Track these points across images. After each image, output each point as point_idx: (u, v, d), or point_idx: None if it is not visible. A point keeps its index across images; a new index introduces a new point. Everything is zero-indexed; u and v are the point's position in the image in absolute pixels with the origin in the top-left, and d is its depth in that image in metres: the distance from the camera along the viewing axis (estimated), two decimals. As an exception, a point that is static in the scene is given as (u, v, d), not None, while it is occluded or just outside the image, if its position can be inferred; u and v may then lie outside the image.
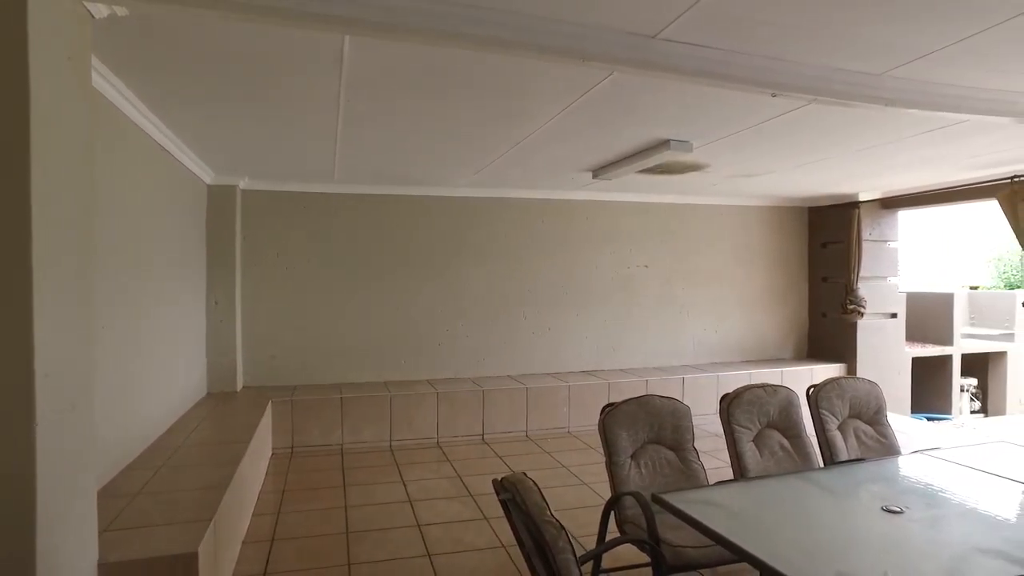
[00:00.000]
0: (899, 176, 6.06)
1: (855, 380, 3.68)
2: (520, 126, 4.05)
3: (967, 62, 2.89)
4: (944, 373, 8.60)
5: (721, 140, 4.32)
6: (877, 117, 3.80)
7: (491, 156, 4.95)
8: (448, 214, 6.63)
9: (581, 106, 3.57)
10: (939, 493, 2.62)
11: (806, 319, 8.00)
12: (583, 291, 7.04)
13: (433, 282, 6.61)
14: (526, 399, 6.29)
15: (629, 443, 3.13)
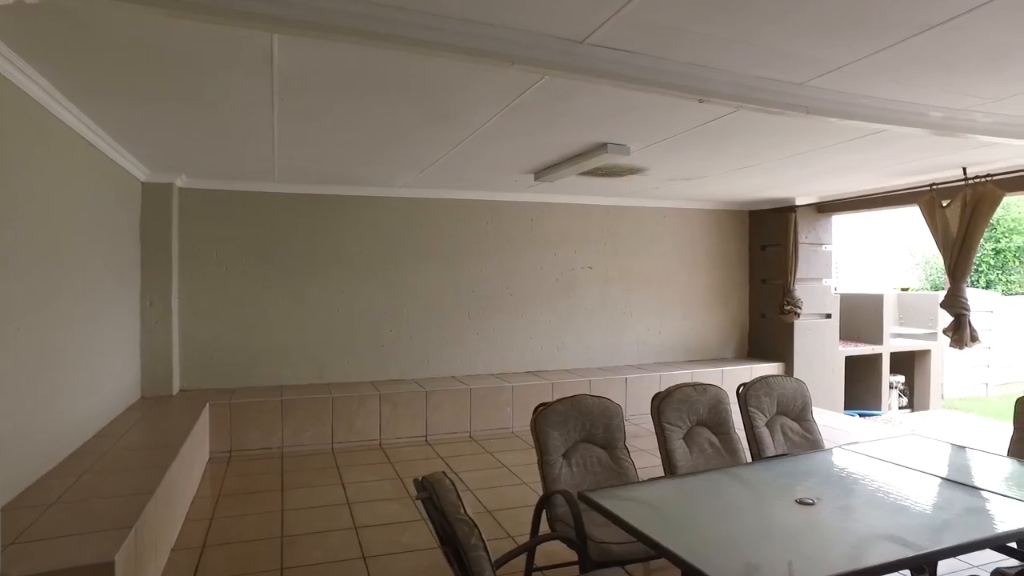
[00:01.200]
0: (831, 182, 6.29)
1: (783, 379, 3.81)
2: (458, 128, 4.06)
3: (879, 75, 3.03)
4: (875, 371, 8.97)
5: (657, 144, 4.42)
6: (802, 125, 3.94)
7: (432, 157, 4.95)
8: (393, 215, 6.59)
9: (516, 109, 3.61)
10: (851, 485, 2.74)
11: (747, 320, 8.23)
12: (527, 292, 7.09)
13: (377, 283, 6.56)
14: (470, 400, 6.30)
15: (561, 442, 3.17)
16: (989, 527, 2.28)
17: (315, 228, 6.36)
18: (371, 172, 5.68)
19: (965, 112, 3.72)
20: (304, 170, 5.57)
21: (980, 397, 11.75)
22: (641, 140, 4.32)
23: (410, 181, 6.11)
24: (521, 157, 4.93)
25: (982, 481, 2.79)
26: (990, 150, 4.80)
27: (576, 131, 4.12)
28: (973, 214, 5.49)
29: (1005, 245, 13.80)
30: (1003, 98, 3.45)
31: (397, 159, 5.07)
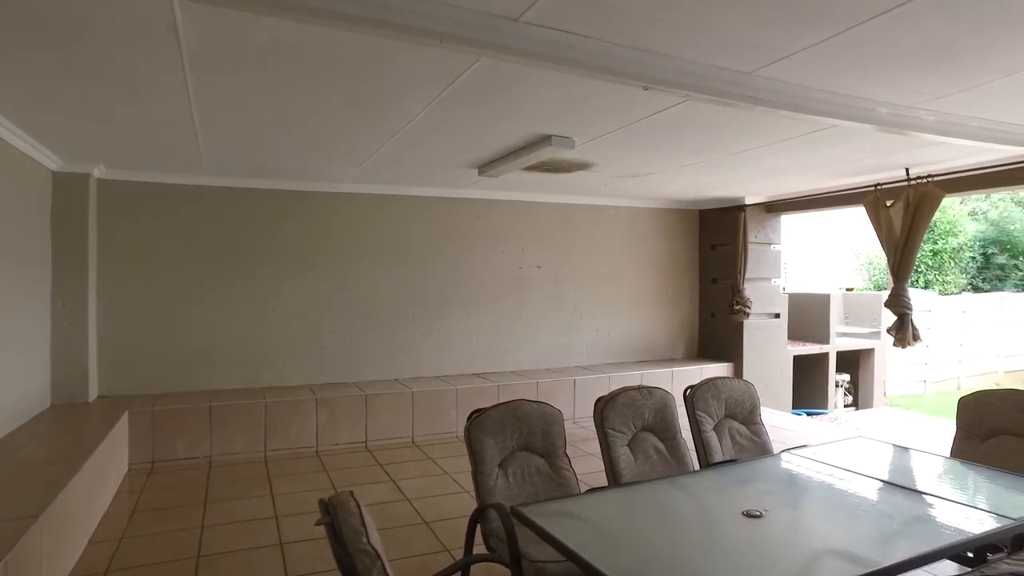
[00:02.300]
0: (779, 181, 6.26)
1: (731, 380, 3.69)
2: (392, 117, 3.81)
3: (826, 65, 2.92)
4: (821, 370, 9.05)
5: (603, 137, 4.25)
6: (749, 119, 3.83)
7: (369, 149, 4.68)
8: (332, 210, 6.29)
9: (452, 96, 3.39)
10: (799, 493, 2.61)
11: (697, 319, 8.19)
12: (474, 291, 6.87)
13: (317, 282, 6.25)
14: (412, 404, 6.04)
15: (497, 451, 2.96)
16: (942, 536, 2.16)
17: (250, 224, 6.01)
18: (308, 166, 5.38)
19: (911, 109, 3.67)
20: (235, 162, 5.24)
21: (919, 394, 12.05)
22: (586, 133, 4.15)
23: (350, 176, 5.82)
24: (463, 150, 4.72)
25: (931, 486, 2.70)
26: (932, 151, 4.82)
27: (518, 122, 3.92)
28: (915, 214, 5.52)
29: (942, 247, 14.23)
30: (946, 95, 3.40)
31: (332, 152, 4.79)
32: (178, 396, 5.59)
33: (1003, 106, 3.70)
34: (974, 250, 15.02)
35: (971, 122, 3.99)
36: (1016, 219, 15.54)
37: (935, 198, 5.44)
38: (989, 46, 2.75)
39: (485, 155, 4.89)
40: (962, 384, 12.98)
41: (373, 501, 4.46)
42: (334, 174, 5.76)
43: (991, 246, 15.17)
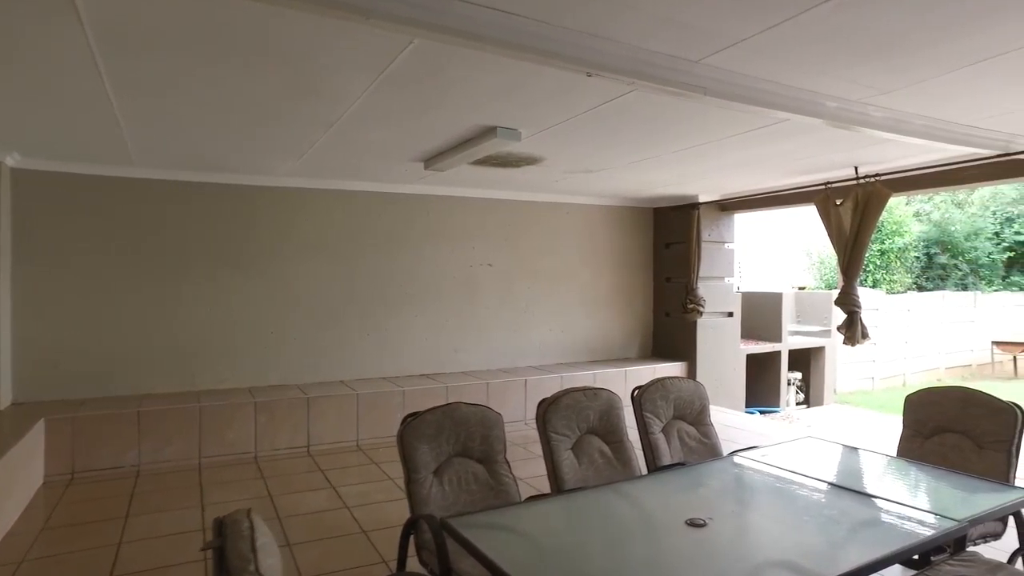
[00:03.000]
0: (732, 179, 6.23)
1: (680, 381, 3.59)
2: (329, 104, 3.59)
3: (774, 55, 2.82)
4: (774, 368, 9.11)
5: (550, 129, 4.11)
6: (700, 113, 3.74)
7: (308, 140, 4.44)
8: (273, 205, 6.01)
9: (389, 82, 3.19)
10: (746, 498, 2.50)
11: (651, 319, 8.13)
12: (423, 290, 6.67)
13: (258, 280, 5.96)
14: (357, 406, 5.81)
15: (431, 457, 2.79)
16: (889, 541, 2.07)
17: (185, 219, 5.69)
18: (245, 158, 5.10)
19: (859, 104, 3.62)
20: (166, 153, 4.93)
21: (867, 391, 12.29)
22: (533, 125, 4.00)
23: (292, 169, 5.56)
24: (406, 142, 4.52)
25: (878, 488, 2.63)
26: (880, 150, 4.82)
27: (461, 112, 3.75)
28: (864, 213, 5.54)
29: (889, 246, 14.57)
30: (893, 90, 3.36)
31: (269, 142, 4.54)
32: (104, 401, 5.25)
33: (947, 104, 3.69)
34: (918, 250, 15.44)
35: (917, 120, 3.98)
36: (956, 220, 16.03)
37: (883, 197, 5.48)
38: (933, 40, 2.70)
39: (430, 148, 4.70)
40: (908, 381, 13.30)
41: (309, 510, 4.23)
42: (273, 167, 5.49)
43: (934, 246, 15.62)
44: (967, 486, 2.63)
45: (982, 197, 16.88)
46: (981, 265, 16.00)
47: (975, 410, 3.11)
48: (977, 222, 16.22)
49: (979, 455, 3.04)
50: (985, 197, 16.89)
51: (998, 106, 3.75)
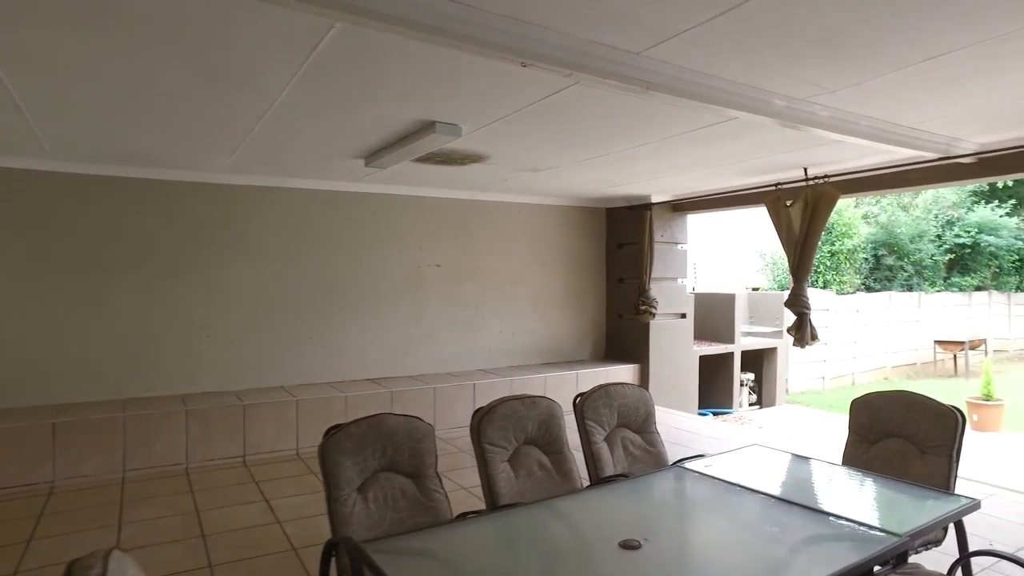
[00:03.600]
0: (683, 179, 6.17)
1: (624, 387, 3.46)
2: (254, 94, 3.36)
3: (717, 48, 2.71)
4: (727, 369, 9.13)
5: (492, 125, 3.94)
6: (647, 109, 3.62)
7: (238, 132, 4.18)
8: (207, 203, 5.70)
9: (316, 70, 2.99)
10: (687, 515, 2.38)
11: (604, 320, 8.04)
12: (368, 292, 6.43)
13: (190, 282, 5.65)
14: (297, 413, 5.56)
15: (355, 473, 2.59)
16: (832, 560, 1.96)
17: (108, 216, 5.34)
18: (173, 151, 4.80)
19: (805, 103, 3.56)
20: (82, 144, 4.60)
21: (818, 390, 12.48)
22: (473, 120, 3.83)
23: (225, 165, 5.27)
24: (343, 137, 4.29)
25: (821, 500, 2.53)
26: (828, 151, 4.81)
27: (396, 106, 3.55)
28: (813, 214, 5.53)
29: (839, 248, 14.85)
30: (838, 89, 3.30)
31: (195, 135, 4.26)
32: (14, 412, 4.89)
33: (890, 106, 3.66)
34: (867, 252, 15.78)
35: (862, 120, 3.95)
36: (902, 223, 16.44)
37: (831, 198, 5.48)
38: (877, 37, 2.63)
39: (369, 143, 4.49)
40: (856, 380, 13.56)
41: (238, 526, 3.98)
42: (207, 162, 5.19)
43: (881, 248, 15.99)
44: (910, 496, 2.56)
45: (925, 201, 17.36)
46: (925, 266, 16.45)
47: (918, 414, 3.06)
48: (921, 225, 16.67)
49: (921, 460, 2.99)
50: (928, 201, 17.38)
51: (938, 109, 3.73)
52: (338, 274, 6.29)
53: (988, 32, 2.60)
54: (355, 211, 6.35)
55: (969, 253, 17.19)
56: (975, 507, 2.38)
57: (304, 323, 6.14)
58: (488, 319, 7.11)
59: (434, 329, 6.79)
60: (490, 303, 7.12)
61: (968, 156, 4.80)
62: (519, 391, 6.53)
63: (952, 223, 17.32)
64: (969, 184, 11.42)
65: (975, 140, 4.58)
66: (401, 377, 6.54)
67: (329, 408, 5.70)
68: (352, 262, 6.35)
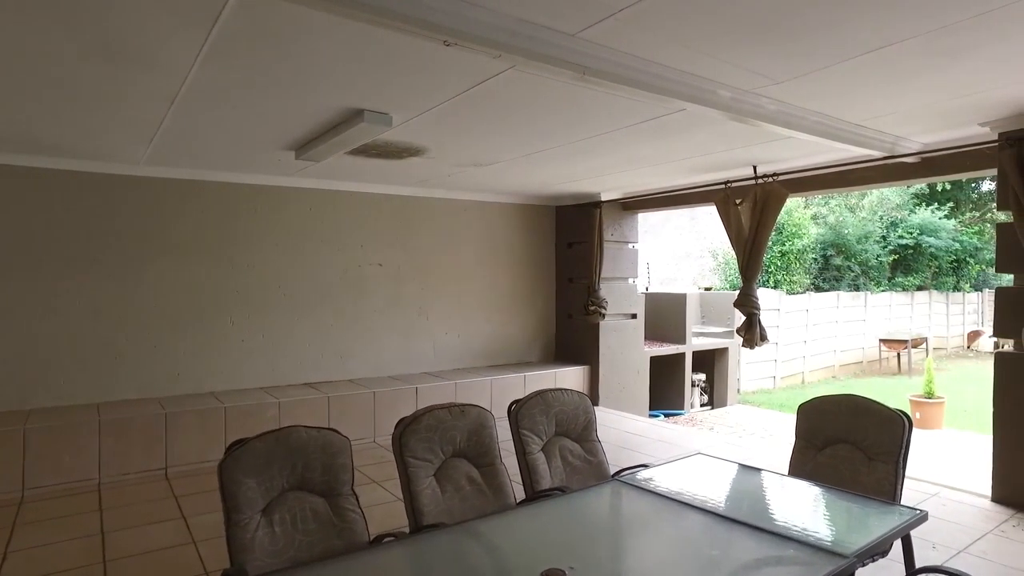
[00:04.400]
0: (633, 176, 6.03)
1: (562, 393, 3.25)
2: (157, 76, 3.04)
3: (657, 30, 2.53)
4: (678, 370, 9.06)
5: (425, 115, 3.70)
6: (590, 99, 3.43)
7: (149, 120, 3.83)
8: (125, 196, 5.30)
9: (221, 49, 2.70)
10: (620, 535, 2.19)
11: (553, 321, 7.87)
12: (305, 292, 6.11)
13: (107, 281, 5.24)
14: (224, 420, 5.21)
15: (259, 493, 2.32)
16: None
17: (12, 210, 4.90)
18: (83, 140, 4.41)
19: (752, 95, 3.43)
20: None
21: (769, 390, 12.57)
22: (404, 108, 3.58)
23: (144, 156, 4.89)
24: (265, 127, 3.99)
25: (765, 517, 2.37)
26: (777, 148, 4.72)
27: (317, 91, 3.28)
28: (762, 213, 5.46)
29: (789, 248, 15.05)
30: (784, 81, 3.18)
31: (102, 121, 3.89)
32: (-96, 424, 4.43)
33: (838, 100, 3.56)
34: (816, 252, 16.03)
35: (811, 116, 3.85)
36: (849, 224, 16.79)
37: (780, 197, 5.41)
38: (820, 25, 2.50)
39: (296, 134, 4.19)
40: (806, 379, 13.73)
41: (147, 548, 3.65)
42: (121, 153, 4.80)
43: (830, 248, 16.28)
44: (856, 509, 2.42)
45: (871, 202, 17.77)
46: (870, 267, 16.82)
47: (865, 420, 2.94)
48: (867, 226, 17.04)
49: (869, 467, 2.87)
50: (874, 202, 17.79)
51: (884, 106, 3.66)
52: (274, 273, 5.95)
53: (928, 24, 2.50)
54: (291, 207, 6.01)
55: (911, 254, 17.67)
56: (922, 519, 2.25)
57: (237, 325, 5.78)
58: (433, 320, 6.85)
59: (376, 331, 6.50)
60: (435, 303, 6.86)
61: (912, 156, 4.78)
62: (464, 394, 6.31)
63: (896, 224, 17.77)
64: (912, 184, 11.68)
65: (919, 139, 4.56)
66: (340, 381, 6.24)
67: (261, 415, 5.36)
68: (288, 260, 6.02)
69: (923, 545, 3.61)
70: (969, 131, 4.25)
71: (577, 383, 7.33)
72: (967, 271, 19.10)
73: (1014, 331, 4.12)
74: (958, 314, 19.12)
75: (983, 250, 18.82)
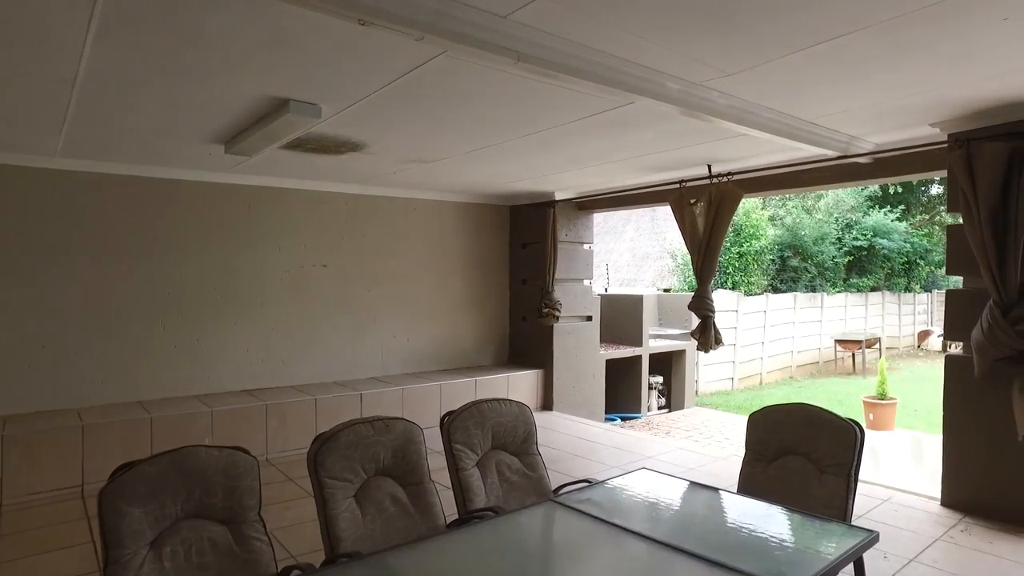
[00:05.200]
0: (587, 176, 5.87)
1: (500, 403, 3.04)
2: (50, 54, 2.74)
3: (594, 14, 2.34)
4: (635, 373, 8.94)
5: (357, 105, 3.45)
6: (531, 90, 3.23)
7: (52, 106, 3.50)
8: (43, 191, 4.91)
9: (113, 26, 2.43)
10: (550, 567, 1.98)
11: (507, 324, 7.67)
12: (244, 294, 5.78)
13: (22, 285, 4.85)
14: (151, 431, 4.86)
15: (148, 524, 2.05)
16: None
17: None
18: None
19: (701, 88, 3.27)
20: None
21: (727, 391, 12.59)
22: (333, 98, 3.33)
23: (58, 147, 4.52)
24: (184, 116, 3.68)
25: (708, 543, 2.19)
26: (731, 147, 4.60)
27: (235, 78, 3.01)
28: (717, 213, 5.35)
29: (747, 249, 15.12)
30: (733, 73, 3.03)
31: (2, 106, 3.55)
32: None
33: (791, 98, 3.45)
34: (773, 253, 16.16)
35: (763, 112, 3.73)
36: (806, 225, 16.98)
37: (735, 197, 5.31)
38: (767, 13, 2.34)
39: (220, 126, 3.90)
40: (764, 380, 13.80)
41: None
42: (30, 143, 4.43)
43: (787, 250, 16.43)
44: (806, 531, 2.27)
45: (827, 204, 18.02)
46: (826, 268, 17.04)
47: (817, 430, 2.80)
48: (823, 227, 17.27)
49: (820, 480, 2.73)
50: (829, 204, 18.05)
51: (836, 102, 3.56)
52: (210, 274, 5.62)
53: (877, 14, 2.37)
54: (228, 204, 5.68)
55: (865, 255, 17.97)
56: (873, 541, 2.10)
57: (168, 329, 5.43)
58: (381, 323, 6.58)
59: (320, 334, 6.20)
60: (384, 306, 6.60)
61: (865, 156, 4.71)
62: (412, 400, 6.07)
63: (851, 226, 18.05)
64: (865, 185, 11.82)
65: (872, 140, 4.49)
66: (281, 388, 5.93)
67: (191, 425, 5.03)
68: (227, 261, 5.68)
69: (875, 555, 3.51)
70: (920, 132, 4.19)
71: (531, 387, 7.14)
72: (918, 272, 19.54)
73: (964, 334, 4.06)
74: (909, 314, 19.56)
75: (932, 252, 19.28)
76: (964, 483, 4.15)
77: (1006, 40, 2.62)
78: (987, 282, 3.75)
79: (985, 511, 4.02)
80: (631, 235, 17.83)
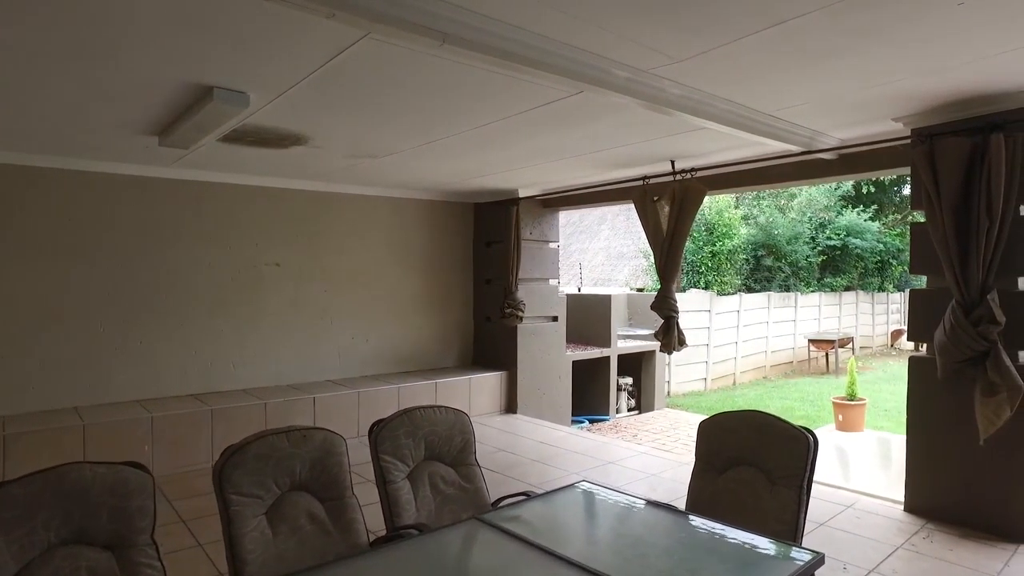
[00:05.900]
0: (549, 172, 5.70)
1: (434, 411, 2.85)
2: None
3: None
4: (603, 374, 8.79)
5: (288, 94, 3.24)
6: (473, 79, 3.05)
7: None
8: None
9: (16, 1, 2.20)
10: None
11: (471, 324, 7.47)
12: (191, 295, 5.52)
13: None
14: (83, 440, 4.60)
15: (12, 555, 1.83)
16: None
17: None
18: None
19: (651, 76, 3.11)
20: None
21: (700, 392, 12.50)
22: (260, 86, 3.11)
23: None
24: (101, 103, 3.42)
25: (646, 570, 2.02)
26: (693, 141, 4.47)
27: (147, 61, 2.78)
28: (680, 210, 5.20)
29: (720, 248, 15.07)
30: (683, 59, 2.87)
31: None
32: None
33: (747, 87, 3.30)
34: (747, 252, 16.13)
35: (719, 103, 3.58)
36: (779, 225, 16.97)
37: (699, 193, 5.16)
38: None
39: (147, 115, 3.65)
40: (738, 380, 13.74)
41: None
42: (-51, 132, 4.16)
43: (760, 249, 16.40)
44: (750, 556, 2.11)
45: (800, 203, 18.04)
46: (800, 267, 17.04)
47: (769, 439, 2.65)
48: (797, 227, 17.27)
49: (771, 493, 2.57)
50: (803, 203, 18.07)
51: (795, 94, 3.42)
52: (153, 274, 5.35)
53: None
54: (171, 200, 5.42)
55: (839, 255, 18.01)
56: (819, 563, 1.95)
57: (107, 332, 5.16)
58: (338, 324, 6.36)
59: (273, 336, 5.96)
60: (341, 306, 6.37)
61: (829, 151, 4.58)
62: (368, 404, 5.86)
63: (824, 225, 18.09)
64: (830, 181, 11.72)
65: (836, 135, 4.37)
66: (231, 392, 5.68)
67: (130, 432, 4.78)
68: (172, 260, 5.43)
69: (834, 566, 3.38)
70: (884, 127, 4.08)
71: (494, 389, 6.96)
72: (891, 272, 19.65)
73: (928, 334, 3.94)
74: (883, 313, 19.67)
75: (905, 251, 19.39)
76: (927, 488, 4.04)
77: (962, 27, 2.49)
78: (949, 281, 3.64)
79: (947, 516, 3.92)
80: (606, 235, 17.71)
